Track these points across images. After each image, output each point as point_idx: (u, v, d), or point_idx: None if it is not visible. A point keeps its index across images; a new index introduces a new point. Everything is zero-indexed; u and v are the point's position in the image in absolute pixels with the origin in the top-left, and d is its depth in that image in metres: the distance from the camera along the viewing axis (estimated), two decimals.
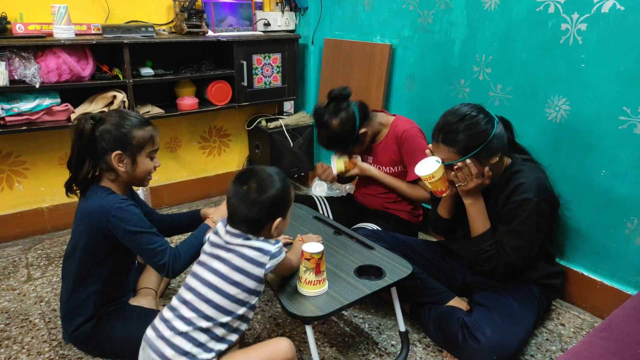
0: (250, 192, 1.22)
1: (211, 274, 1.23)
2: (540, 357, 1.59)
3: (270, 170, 1.28)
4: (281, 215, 1.26)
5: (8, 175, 2.30)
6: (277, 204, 1.24)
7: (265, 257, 1.23)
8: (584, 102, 1.73)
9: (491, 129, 1.47)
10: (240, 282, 1.22)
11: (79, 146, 1.43)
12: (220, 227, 1.30)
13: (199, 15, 2.45)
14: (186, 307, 1.22)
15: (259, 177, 1.24)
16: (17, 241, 2.36)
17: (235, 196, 1.24)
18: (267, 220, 1.25)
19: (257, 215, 1.23)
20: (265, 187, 1.23)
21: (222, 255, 1.24)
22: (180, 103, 2.49)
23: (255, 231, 1.25)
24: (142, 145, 1.47)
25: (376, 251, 1.63)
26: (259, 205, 1.22)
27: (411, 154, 2.00)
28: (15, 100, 2.02)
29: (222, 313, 1.21)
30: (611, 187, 1.71)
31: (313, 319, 1.31)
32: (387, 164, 2.09)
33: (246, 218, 1.23)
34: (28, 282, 2.00)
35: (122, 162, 1.45)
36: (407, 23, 2.33)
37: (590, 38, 1.67)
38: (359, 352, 1.61)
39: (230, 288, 1.21)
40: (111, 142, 1.42)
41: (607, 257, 1.77)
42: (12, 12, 2.11)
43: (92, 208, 1.43)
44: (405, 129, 2.01)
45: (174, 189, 2.78)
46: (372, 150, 2.13)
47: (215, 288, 1.21)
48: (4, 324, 1.73)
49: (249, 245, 1.24)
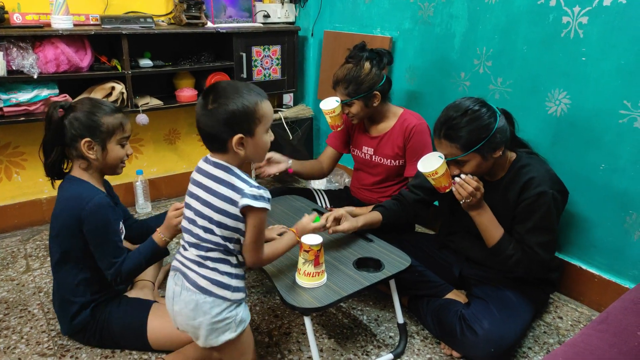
0: (208, 103, 1.14)
1: (198, 202, 1.21)
2: (537, 350, 1.60)
3: (240, 84, 1.18)
4: (243, 131, 1.15)
5: (6, 166, 2.30)
6: (235, 118, 1.13)
7: (237, 196, 1.15)
8: (584, 96, 1.72)
9: (494, 123, 1.45)
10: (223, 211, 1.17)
11: (48, 133, 1.44)
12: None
13: (198, 7, 2.43)
14: (189, 235, 1.23)
15: (220, 89, 1.16)
16: (16, 232, 2.36)
17: (197, 108, 1.18)
18: (224, 135, 1.14)
19: (212, 129, 1.14)
20: (223, 97, 1.14)
21: (204, 183, 1.21)
22: (179, 95, 2.48)
23: (219, 148, 1.18)
24: (112, 132, 1.46)
25: (375, 244, 1.63)
26: (213, 117, 1.13)
27: (416, 150, 1.98)
28: (13, 90, 2.01)
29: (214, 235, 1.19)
30: (610, 181, 1.71)
31: (311, 310, 1.32)
32: (389, 156, 2.06)
33: (204, 132, 1.16)
34: (27, 273, 2.00)
35: (92, 150, 1.44)
36: (408, 15, 2.32)
37: (591, 32, 1.67)
38: (357, 344, 1.61)
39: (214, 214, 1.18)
40: (80, 129, 1.42)
41: (605, 251, 1.78)
42: (10, 1, 2.09)
43: (69, 195, 1.45)
44: (416, 124, 1.98)
45: (173, 180, 2.77)
46: (375, 140, 2.12)
47: (202, 214, 1.20)
48: (2, 314, 1.73)
49: (225, 179, 1.17)
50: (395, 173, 2.09)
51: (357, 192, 2.24)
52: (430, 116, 2.27)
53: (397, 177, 2.10)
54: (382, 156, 2.08)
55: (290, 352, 1.57)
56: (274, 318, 1.74)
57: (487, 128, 1.44)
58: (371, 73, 1.91)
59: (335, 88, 1.98)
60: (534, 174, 1.49)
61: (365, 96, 1.92)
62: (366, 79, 1.90)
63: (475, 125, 1.44)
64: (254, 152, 1.20)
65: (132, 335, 1.51)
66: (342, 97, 1.96)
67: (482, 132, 1.44)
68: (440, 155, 1.50)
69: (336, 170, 2.82)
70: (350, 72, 1.90)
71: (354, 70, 1.90)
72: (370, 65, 1.91)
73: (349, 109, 1.97)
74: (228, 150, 1.17)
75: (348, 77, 1.91)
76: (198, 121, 1.17)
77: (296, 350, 1.58)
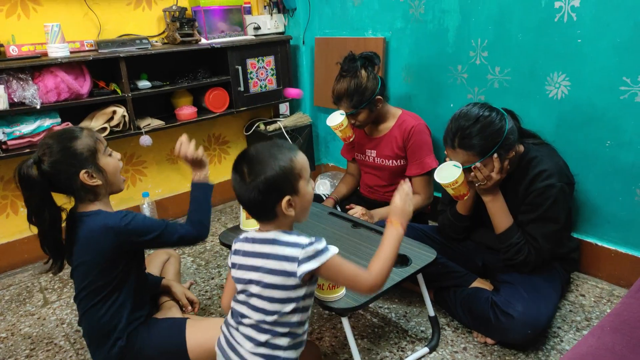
0: (244, 177, 1.10)
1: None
2: (567, 329, 1.62)
3: (267, 146, 1.14)
4: (289, 192, 1.11)
5: (12, 200, 2.27)
6: (275, 184, 1.10)
7: (297, 250, 1.09)
8: (583, 77, 1.77)
9: (505, 125, 1.47)
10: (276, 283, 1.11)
11: (34, 195, 1.32)
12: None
13: (191, 24, 2.44)
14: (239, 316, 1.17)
15: (249, 160, 1.12)
16: (27, 266, 2.32)
17: (234, 183, 1.14)
18: (270, 202, 1.11)
19: (257, 199, 1.10)
20: (257, 166, 1.10)
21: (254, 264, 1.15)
22: (179, 113, 2.48)
23: (267, 216, 1.13)
24: (94, 149, 1.38)
25: None
26: (255, 189, 1.09)
27: (416, 149, 2.03)
28: (15, 123, 1.99)
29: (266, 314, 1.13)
30: (617, 156, 1.75)
31: (349, 310, 1.32)
32: (390, 157, 2.10)
33: (249, 203, 1.12)
34: (46, 306, 1.97)
35: (93, 177, 1.37)
36: (399, 15, 2.36)
37: (584, 14, 1.72)
38: (391, 341, 1.62)
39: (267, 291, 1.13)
40: (70, 167, 1.34)
41: (619, 225, 1.82)
42: (4, 34, 2.08)
43: (92, 227, 1.36)
44: (414, 125, 2.03)
45: (179, 200, 2.76)
46: (375, 142, 2.15)
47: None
48: (29, 349, 1.71)
49: (280, 240, 1.12)
50: (399, 174, 2.13)
51: (368, 194, 2.26)
52: (430, 113, 2.32)
53: (402, 178, 2.13)
54: (383, 157, 2.12)
55: (327, 357, 1.57)
56: None
57: (500, 131, 1.46)
58: (370, 79, 1.96)
59: (338, 103, 2.02)
60: (543, 167, 1.52)
61: (369, 103, 1.97)
62: (367, 87, 1.95)
63: (488, 131, 1.46)
64: (302, 208, 1.15)
65: (172, 354, 1.50)
66: (347, 110, 2.01)
67: (496, 136, 1.46)
68: (456, 164, 1.51)
69: (337, 174, 2.84)
70: (351, 85, 1.95)
71: (353, 82, 1.95)
72: (366, 72, 1.96)
73: (356, 118, 2.02)
74: (277, 215, 1.12)
75: (350, 90, 1.95)
76: (240, 196, 1.13)
77: (331, 354, 1.58)
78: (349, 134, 2.08)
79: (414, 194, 2.09)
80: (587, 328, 1.63)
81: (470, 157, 1.49)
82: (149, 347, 1.49)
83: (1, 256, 2.27)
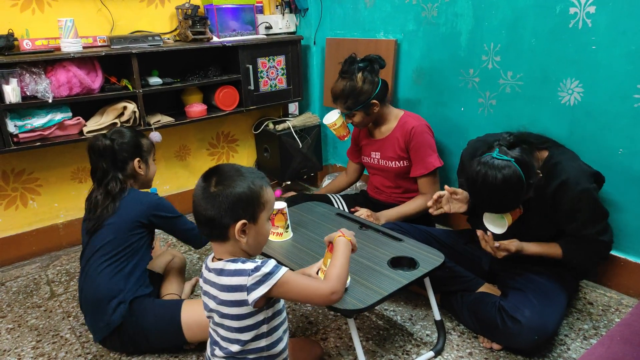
0: (210, 186, 1.08)
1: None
2: (574, 336, 1.61)
3: (242, 168, 1.13)
4: (246, 217, 1.08)
5: (22, 193, 2.29)
6: (240, 202, 1.07)
7: (243, 278, 1.06)
8: (597, 84, 1.75)
9: (525, 176, 1.41)
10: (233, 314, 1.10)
11: (106, 162, 1.64)
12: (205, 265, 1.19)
13: (203, 22, 2.45)
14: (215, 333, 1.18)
15: (223, 172, 1.11)
16: (35, 259, 2.34)
17: (197, 192, 1.11)
18: (227, 221, 1.07)
19: (214, 214, 1.06)
20: (227, 182, 1.08)
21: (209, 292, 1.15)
22: (189, 110, 2.49)
23: (219, 236, 1.10)
24: (149, 150, 1.78)
25: (405, 242, 1.64)
26: (215, 200, 1.06)
27: (418, 150, 2.03)
28: (27, 116, 2.01)
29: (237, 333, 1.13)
30: (629, 164, 1.74)
31: (355, 312, 1.31)
32: (393, 158, 2.11)
33: (205, 217, 1.08)
34: (52, 299, 1.98)
35: (140, 168, 1.71)
36: (411, 17, 2.35)
37: (599, 20, 1.70)
38: (396, 344, 1.62)
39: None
40: (131, 151, 1.69)
41: (630, 235, 1.80)
42: (18, 28, 2.09)
43: (128, 200, 1.64)
44: (415, 125, 2.04)
45: (186, 197, 2.77)
46: (379, 144, 2.14)
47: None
48: (35, 341, 1.72)
49: (226, 270, 1.09)
50: (403, 175, 2.13)
51: (374, 194, 2.26)
52: (440, 116, 2.31)
53: (407, 179, 2.13)
54: (386, 159, 2.13)
55: (331, 357, 1.57)
56: (308, 325, 1.74)
57: (528, 186, 1.43)
58: (366, 83, 1.98)
59: (334, 103, 2.06)
60: (568, 175, 1.50)
61: (365, 106, 2.00)
62: (362, 90, 1.98)
63: (518, 191, 1.42)
64: (255, 241, 1.13)
65: (167, 329, 1.55)
66: (343, 110, 2.05)
67: (524, 190, 1.43)
68: (500, 216, 1.50)
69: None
70: (346, 87, 1.98)
71: (349, 84, 1.98)
72: (362, 75, 1.98)
73: (351, 119, 2.06)
74: (228, 238, 1.09)
75: (345, 91, 1.98)
76: (197, 205, 1.09)
77: (336, 355, 1.58)
78: (343, 133, 2.14)
79: (420, 194, 2.09)
80: (594, 337, 1.61)
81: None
82: (147, 320, 1.56)
83: (10, 248, 2.29)
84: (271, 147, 2.84)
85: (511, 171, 1.40)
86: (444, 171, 2.32)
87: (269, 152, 2.87)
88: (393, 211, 2.05)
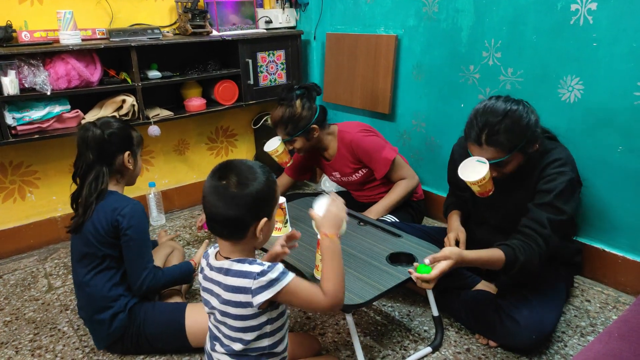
0: (230, 186, 1.04)
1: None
2: (571, 334, 1.61)
3: (251, 163, 1.11)
4: (266, 214, 1.08)
5: (20, 186, 2.28)
6: (261, 201, 1.06)
7: (248, 281, 1.05)
8: (597, 81, 1.75)
9: (531, 119, 1.42)
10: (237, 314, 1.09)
11: (92, 153, 1.49)
12: (205, 262, 1.18)
13: (203, 16, 2.44)
14: (216, 330, 1.17)
15: (239, 170, 1.07)
16: (32, 252, 2.33)
17: (213, 192, 1.06)
18: (250, 220, 1.06)
19: (239, 214, 1.04)
20: (247, 180, 1.05)
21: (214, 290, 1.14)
22: (188, 104, 2.48)
23: (238, 235, 1.09)
24: (139, 143, 1.62)
25: (404, 239, 1.64)
26: (241, 201, 1.04)
27: (368, 155, 2.07)
28: (25, 109, 2.00)
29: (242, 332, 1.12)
30: (628, 162, 1.74)
31: (353, 307, 1.32)
32: (352, 173, 2.16)
33: (225, 218, 1.05)
34: (50, 292, 1.98)
35: (130, 162, 1.57)
36: (412, 13, 2.34)
37: (601, 17, 1.70)
38: (394, 340, 1.62)
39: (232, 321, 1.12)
40: (122, 143, 1.54)
41: (628, 232, 1.80)
42: (17, 20, 2.08)
43: (101, 206, 1.49)
44: (352, 139, 2.08)
45: (185, 191, 2.76)
46: (333, 164, 2.19)
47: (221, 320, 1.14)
48: (32, 334, 1.71)
49: (232, 270, 1.08)
50: (369, 180, 2.19)
51: (358, 198, 2.31)
52: (440, 112, 2.31)
53: (375, 180, 2.18)
54: (346, 175, 2.19)
55: (328, 352, 1.57)
56: (306, 320, 1.74)
57: (528, 125, 1.42)
58: (304, 110, 2.02)
59: (275, 129, 2.10)
60: (558, 156, 1.49)
61: (305, 131, 2.04)
62: (301, 117, 2.02)
63: (518, 126, 1.41)
64: (266, 237, 1.12)
65: (171, 335, 1.52)
66: (284, 136, 2.08)
67: (525, 131, 1.42)
68: (480, 160, 1.45)
69: None
70: (285, 114, 2.02)
71: (288, 112, 2.01)
72: (301, 102, 2.02)
73: (292, 145, 2.09)
74: (245, 236, 1.08)
75: (284, 119, 2.02)
76: (213, 205, 1.05)
77: (334, 350, 1.58)
78: (285, 160, 2.15)
79: (396, 182, 2.12)
80: (592, 334, 1.62)
81: (498, 153, 1.43)
82: (150, 324, 1.53)
83: (7, 241, 2.28)
84: None
85: (522, 106, 1.44)
86: (444, 170, 2.31)
87: None
88: (380, 205, 2.07)
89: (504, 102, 1.45)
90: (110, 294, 1.49)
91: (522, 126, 1.42)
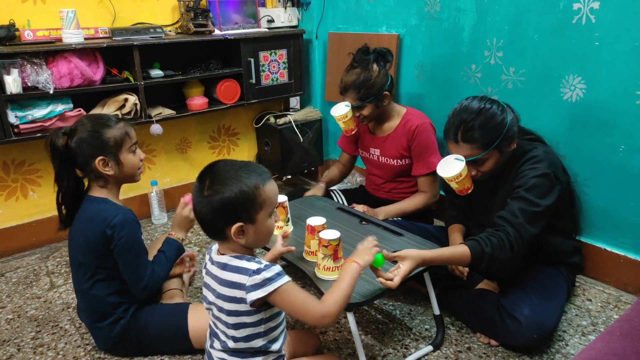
0: (204, 189, 1.06)
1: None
2: (572, 333, 1.61)
3: (238, 166, 1.08)
4: (243, 219, 1.06)
5: (22, 184, 2.28)
6: (233, 207, 1.04)
7: (244, 277, 1.06)
8: (599, 80, 1.75)
9: (506, 117, 1.48)
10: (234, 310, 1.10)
11: (57, 163, 1.43)
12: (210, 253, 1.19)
13: (205, 15, 2.44)
14: (214, 327, 1.19)
15: (216, 174, 1.07)
16: (35, 250, 2.34)
17: (194, 191, 1.09)
18: (222, 224, 1.06)
19: (210, 217, 1.06)
20: (219, 186, 1.05)
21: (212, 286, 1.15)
22: (190, 103, 2.48)
23: (216, 236, 1.11)
24: (120, 143, 1.45)
25: (405, 237, 1.64)
26: (209, 206, 1.04)
27: (421, 149, 2.02)
28: (28, 107, 2.00)
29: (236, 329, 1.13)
30: (630, 162, 1.73)
31: (355, 306, 1.32)
32: (394, 157, 2.10)
33: (201, 219, 1.08)
34: (52, 290, 1.99)
35: (108, 166, 1.44)
36: (414, 12, 2.34)
37: (603, 16, 1.69)
38: (395, 338, 1.62)
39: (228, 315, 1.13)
40: (91, 150, 1.41)
41: (629, 231, 1.80)
42: (19, 19, 2.09)
43: (89, 215, 1.44)
44: (419, 124, 2.01)
45: (187, 190, 2.76)
46: (379, 141, 2.13)
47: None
48: (34, 331, 1.72)
49: (229, 265, 1.10)
50: (403, 172, 2.13)
51: (373, 191, 2.26)
52: (442, 111, 2.30)
53: (407, 176, 2.13)
54: (387, 156, 2.11)
55: (329, 351, 1.57)
56: None
57: (502, 123, 1.47)
58: (380, 74, 1.94)
59: (344, 94, 2.00)
60: (535, 154, 1.52)
61: (376, 97, 1.95)
62: (376, 81, 1.93)
63: (491, 123, 1.47)
64: (255, 238, 1.10)
65: (173, 338, 1.52)
66: (353, 101, 1.98)
67: (499, 128, 1.47)
68: (458, 157, 1.50)
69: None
70: (360, 77, 1.93)
71: (363, 75, 1.92)
72: (378, 66, 1.94)
73: (360, 112, 2.00)
74: (227, 238, 1.09)
75: (358, 81, 1.93)
76: (194, 205, 1.09)
77: (335, 348, 1.58)
78: (351, 127, 2.05)
79: (419, 192, 2.09)
80: (593, 333, 1.62)
81: (474, 150, 1.49)
82: (152, 326, 1.52)
83: (10, 239, 2.29)
84: (272, 141, 2.84)
85: (496, 105, 1.48)
86: None
87: (270, 146, 2.87)
88: (392, 207, 2.04)
89: (479, 101, 1.51)
90: (111, 302, 1.48)
91: (496, 123, 1.46)
